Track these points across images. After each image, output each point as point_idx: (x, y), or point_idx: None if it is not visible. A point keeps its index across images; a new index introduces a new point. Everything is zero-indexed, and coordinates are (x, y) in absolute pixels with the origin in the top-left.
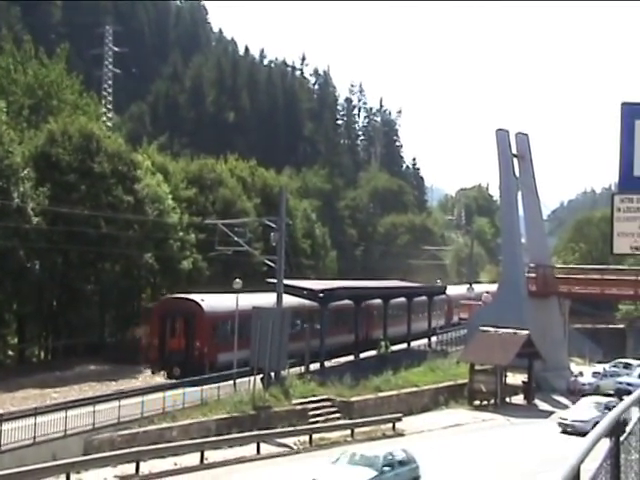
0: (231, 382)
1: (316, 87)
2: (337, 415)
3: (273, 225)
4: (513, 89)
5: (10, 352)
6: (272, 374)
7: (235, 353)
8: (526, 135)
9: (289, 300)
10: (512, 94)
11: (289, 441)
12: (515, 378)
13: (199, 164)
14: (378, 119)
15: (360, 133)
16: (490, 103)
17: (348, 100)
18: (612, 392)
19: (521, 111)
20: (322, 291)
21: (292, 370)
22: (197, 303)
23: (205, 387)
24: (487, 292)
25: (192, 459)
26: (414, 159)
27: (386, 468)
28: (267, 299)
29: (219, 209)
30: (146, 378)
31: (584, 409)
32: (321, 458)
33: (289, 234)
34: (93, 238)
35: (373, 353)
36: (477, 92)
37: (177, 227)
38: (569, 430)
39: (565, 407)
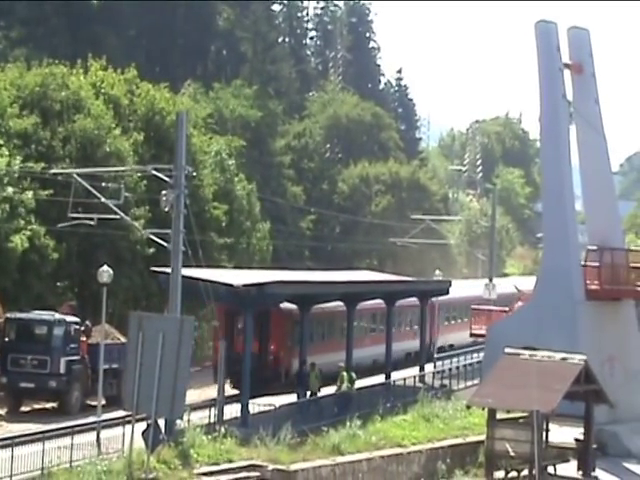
0: (93, 436)
1: None
2: None
3: (166, 178)
4: None
5: None
6: (162, 424)
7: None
8: (586, 31)
9: None
10: None
11: None
12: (563, 434)
13: (41, 75)
14: (340, 3)
15: (310, 27)
16: None
17: None
18: None
19: (575, 6)
20: (245, 287)
21: (194, 417)
22: None
23: (50, 445)
24: (518, 294)
25: None
26: (399, 71)
27: None
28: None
29: (75, 151)
30: None
31: None
32: None
33: (192, 193)
34: None
35: (329, 390)
36: None
37: (3, 180)
38: None
39: None
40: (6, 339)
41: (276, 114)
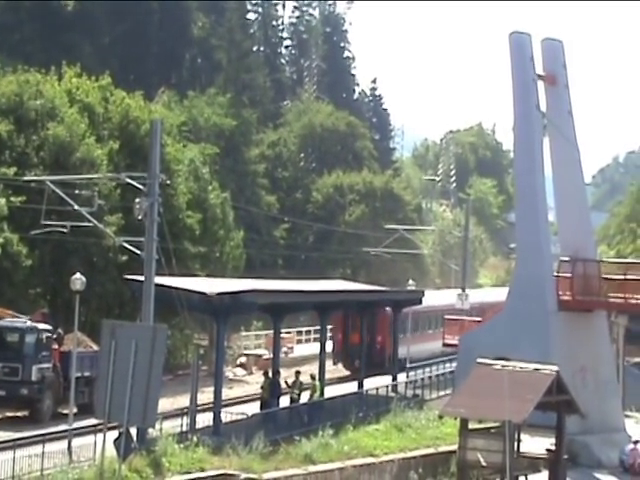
0: (65, 444)
1: None
2: None
3: (139, 186)
4: None
5: None
6: (134, 433)
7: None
8: (559, 43)
9: None
10: None
11: None
12: (535, 444)
13: (15, 82)
14: (315, 12)
15: (285, 36)
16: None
17: None
18: None
19: (547, 20)
20: (219, 296)
21: (167, 426)
22: None
23: (20, 453)
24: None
25: None
26: (374, 81)
27: None
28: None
29: (48, 158)
30: None
31: None
32: None
33: (166, 201)
34: None
35: (303, 399)
36: None
37: None
38: None
39: None
40: None
41: (250, 123)
